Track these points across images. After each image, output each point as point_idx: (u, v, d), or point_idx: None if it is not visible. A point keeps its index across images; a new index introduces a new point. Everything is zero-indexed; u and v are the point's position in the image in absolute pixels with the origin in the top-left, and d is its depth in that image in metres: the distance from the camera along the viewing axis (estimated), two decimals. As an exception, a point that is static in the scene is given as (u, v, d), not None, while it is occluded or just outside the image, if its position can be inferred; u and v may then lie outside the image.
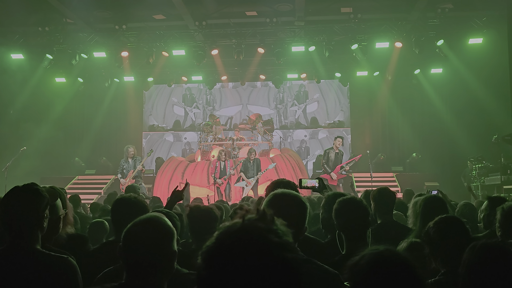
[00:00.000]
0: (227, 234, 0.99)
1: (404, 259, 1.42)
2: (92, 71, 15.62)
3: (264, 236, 0.97)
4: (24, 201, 2.21)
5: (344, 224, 2.64)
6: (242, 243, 0.95)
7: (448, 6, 11.95)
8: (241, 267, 0.93)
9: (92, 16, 12.67)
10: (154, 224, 1.82)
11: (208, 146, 14.75)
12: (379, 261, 1.41)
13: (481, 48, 12.57)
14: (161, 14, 12.88)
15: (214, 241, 0.99)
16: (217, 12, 12.64)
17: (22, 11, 11.85)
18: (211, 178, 11.87)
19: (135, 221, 1.87)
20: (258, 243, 0.96)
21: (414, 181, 12.45)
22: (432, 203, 3.35)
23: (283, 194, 2.19)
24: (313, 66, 15.55)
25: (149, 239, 1.76)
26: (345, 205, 2.68)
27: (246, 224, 0.99)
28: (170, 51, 13.53)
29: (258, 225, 0.99)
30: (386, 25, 12.70)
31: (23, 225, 2.18)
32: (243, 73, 16.51)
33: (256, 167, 11.68)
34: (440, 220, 2.49)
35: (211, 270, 0.96)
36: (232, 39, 13.32)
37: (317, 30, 13.09)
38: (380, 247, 1.47)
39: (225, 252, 0.96)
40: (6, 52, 13.22)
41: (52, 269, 2.13)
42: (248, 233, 0.97)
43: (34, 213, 2.20)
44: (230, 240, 0.97)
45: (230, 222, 1.02)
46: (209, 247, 0.99)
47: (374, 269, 1.39)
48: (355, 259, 1.48)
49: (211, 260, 0.97)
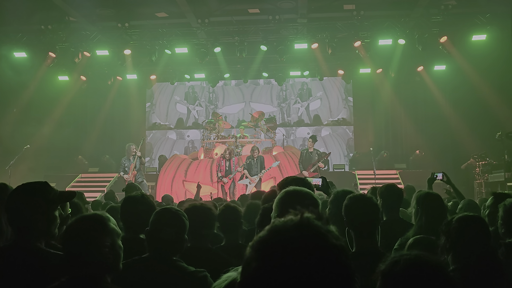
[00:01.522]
0: (286, 227, 0.94)
1: (440, 266, 1.41)
2: (95, 69, 15.63)
3: (325, 236, 0.94)
4: (31, 200, 2.19)
5: (353, 221, 2.60)
6: (303, 239, 0.91)
7: (451, 3, 11.89)
8: (299, 263, 0.88)
9: (95, 14, 12.65)
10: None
11: (211, 144, 14.74)
12: (417, 268, 1.38)
13: (484, 44, 12.52)
14: (164, 12, 12.86)
15: (270, 233, 0.94)
16: (220, 9, 12.62)
17: (25, 10, 11.85)
18: (214, 176, 11.87)
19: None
20: (319, 241, 0.92)
21: (417, 178, 12.42)
22: (429, 201, 3.32)
23: (295, 192, 2.18)
24: (316, 64, 15.51)
25: None
26: (355, 202, 2.65)
27: (306, 221, 0.95)
28: (172, 49, 13.52)
29: (317, 224, 0.95)
30: (389, 22, 12.65)
31: (27, 224, 2.17)
32: (246, 71, 16.49)
33: (259, 164, 11.67)
34: (464, 218, 2.48)
35: (263, 263, 0.90)
36: (234, 37, 13.30)
37: (320, 27, 13.06)
38: (413, 252, 1.45)
39: (283, 245, 0.91)
40: (9, 50, 13.23)
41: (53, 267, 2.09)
42: (310, 229, 0.93)
43: (40, 212, 2.19)
44: (289, 234, 0.92)
45: (285, 217, 0.97)
46: (263, 238, 0.94)
47: (412, 277, 1.36)
48: (387, 265, 1.44)
49: (265, 252, 0.91)
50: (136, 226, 2.95)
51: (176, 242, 2.44)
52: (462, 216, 2.50)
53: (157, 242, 2.42)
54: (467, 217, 2.50)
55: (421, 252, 1.47)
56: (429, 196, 3.37)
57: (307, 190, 2.21)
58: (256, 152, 11.71)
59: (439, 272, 1.39)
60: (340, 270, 0.92)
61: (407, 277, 1.38)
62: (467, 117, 13.99)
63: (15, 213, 2.19)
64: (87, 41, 13.37)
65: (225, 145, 13.83)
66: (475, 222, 2.48)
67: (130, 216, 2.99)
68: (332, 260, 0.91)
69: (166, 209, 2.60)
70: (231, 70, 16.27)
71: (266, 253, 0.92)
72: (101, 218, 1.98)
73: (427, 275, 1.38)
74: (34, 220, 2.18)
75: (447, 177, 4.95)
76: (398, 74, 15.28)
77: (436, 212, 3.21)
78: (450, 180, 4.94)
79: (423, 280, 1.37)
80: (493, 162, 11.78)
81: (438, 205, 3.33)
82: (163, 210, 2.59)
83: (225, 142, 14.32)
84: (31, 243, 2.17)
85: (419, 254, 1.45)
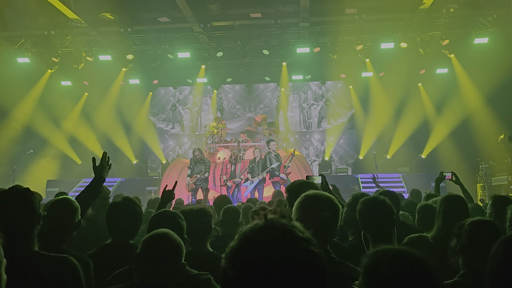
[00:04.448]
0: (253, 232, 0.99)
1: (423, 261, 1.39)
2: (97, 74, 15.66)
3: (291, 232, 0.98)
4: (17, 203, 2.16)
5: (368, 224, 2.59)
6: (270, 240, 0.96)
7: (454, 6, 11.89)
8: (270, 263, 0.93)
9: (98, 19, 12.71)
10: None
11: (214, 148, 14.74)
12: (400, 263, 1.37)
13: (486, 48, 12.51)
14: (166, 17, 12.91)
15: (239, 240, 0.99)
16: (222, 14, 12.65)
17: (28, 15, 11.91)
18: (217, 180, 11.84)
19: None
20: (285, 239, 0.96)
21: (420, 182, 12.39)
22: (452, 203, 3.28)
23: (316, 196, 2.16)
24: (318, 67, 15.52)
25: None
26: (369, 205, 2.64)
27: (271, 222, 1.00)
28: (175, 53, 13.55)
29: (282, 222, 1.00)
30: (391, 25, 12.67)
31: (18, 228, 2.14)
32: (248, 75, 16.51)
33: (261, 167, 11.64)
34: (477, 223, 2.45)
35: (238, 269, 0.95)
36: (237, 41, 13.33)
37: (322, 31, 13.08)
38: (394, 247, 1.44)
39: (252, 249, 0.95)
40: (12, 56, 13.30)
41: (53, 270, 2.10)
42: (275, 230, 0.98)
43: (29, 213, 2.16)
44: (256, 237, 0.97)
45: (252, 223, 1.02)
46: (234, 247, 0.99)
47: (397, 273, 1.35)
48: (367, 262, 1.43)
49: (237, 259, 0.97)
50: (123, 231, 2.92)
51: None
52: (475, 220, 2.48)
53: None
54: (479, 221, 2.48)
55: (404, 247, 1.45)
56: (448, 199, 3.34)
57: (327, 194, 2.18)
58: (258, 155, 11.66)
59: (423, 267, 1.37)
60: (310, 260, 0.96)
61: (390, 275, 1.36)
62: (470, 120, 13.96)
63: (2, 220, 2.14)
64: (89, 46, 13.42)
65: (228, 149, 13.82)
66: (487, 226, 2.47)
67: (117, 222, 2.94)
68: (302, 251, 0.96)
69: (160, 213, 2.59)
70: (233, 74, 16.28)
71: (238, 260, 0.97)
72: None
73: (412, 271, 1.36)
74: (24, 224, 2.14)
75: (456, 177, 4.91)
76: (400, 77, 15.27)
77: (457, 215, 3.15)
78: (459, 180, 4.90)
79: (408, 278, 1.35)
80: (496, 165, 11.75)
81: (460, 207, 3.28)
82: (158, 215, 2.58)
83: (227, 146, 14.32)
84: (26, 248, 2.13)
85: (402, 249, 1.43)
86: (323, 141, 17.88)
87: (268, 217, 1.02)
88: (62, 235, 2.63)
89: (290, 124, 18.16)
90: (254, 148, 12.26)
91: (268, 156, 11.25)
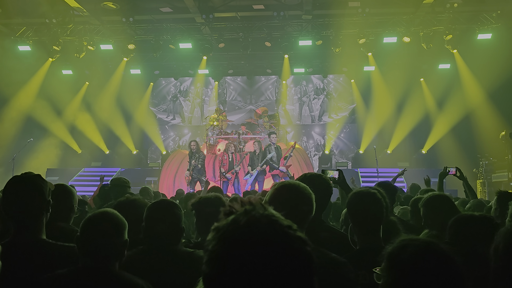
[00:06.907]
0: (236, 230, 0.92)
1: (447, 252, 1.42)
2: (98, 64, 15.62)
3: (276, 223, 0.92)
4: (28, 190, 2.18)
5: (356, 217, 2.52)
6: (252, 236, 0.90)
7: (457, 1, 11.82)
8: (254, 261, 0.87)
9: (99, 8, 12.64)
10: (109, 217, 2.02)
11: (214, 140, 14.72)
12: (425, 253, 1.40)
13: (490, 43, 12.45)
14: (168, 7, 12.85)
15: (219, 239, 0.92)
16: (224, 5, 12.59)
17: (30, 3, 11.85)
18: (217, 172, 11.84)
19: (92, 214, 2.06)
20: (268, 232, 0.90)
21: (420, 177, 12.38)
22: (436, 203, 3.23)
23: (290, 185, 2.12)
24: (320, 60, 15.45)
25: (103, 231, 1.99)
26: (358, 197, 2.56)
27: (252, 216, 0.93)
28: (176, 44, 13.49)
29: (256, 214, 0.93)
30: (394, 19, 12.60)
31: (27, 215, 2.16)
32: (250, 67, 16.45)
33: (261, 159, 11.62)
34: (464, 217, 2.45)
35: (220, 269, 0.89)
36: (239, 33, 13.27)
37: (325, 24, 13.01)
38: (419, 238, 1.47)
39: (229, 246, 0.90)
40: (13, 44, 13.25)
41: (59, 259, 2.11)
42: (253, 224, 0.91)
43: (39, 200, 2.18)
44: (242, 236, 0.91)
45: (229, 217, 0.95)
46: (215, 246, 0.92)
47: (420, 262, 1.38)
48: (393, 249, 1.46)
49: (219, 258, 0.90)
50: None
51: (171, 234, 2.42)
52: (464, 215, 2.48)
53: (153, 235, 2.42)
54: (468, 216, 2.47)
55: (427, 238, 1.49)
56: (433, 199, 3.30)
57: (303, 185, 2.12)
58: (258, 148, 11.63)
59: (449, 261, 1.39)
60: (296, 256, 0.90)
61: (414, 263, 1.39)
62: (471, 116, 13.94)
63: (12, 207, 2.17)
64: (91, 35, 13.36)
65: (228, 141, 13.81)
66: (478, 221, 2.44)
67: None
68: (290, 239, 0.91)
69: (157, 202, 2.57)
70: (235, 66, 16.23)
71: (220, 260, 0.90)
72: (114, 215, 2.06)
73: (436, 263, 1.38)
74: (33, 212, 2.17)
75: (460, 172, 4.86)
76: (403, 72, 15.22)
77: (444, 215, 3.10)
78: (463, 176, 4.84)
79: (431, 268, 1.37)
80: (496, 161, 11.74)
81: (448, 207, 3.25)
82: (154, 204, 2.55)
83: (228, 138, 14.30)
84: (34, 236, 2.15)
85: (429, 240, 1.46)
86: (324, 135, 17.87)
87: (247, 209, 0.94)
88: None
89: (292, 117, 18.14)
90: (254, 141, 12.24)
91: (268, 149, 11.23)
